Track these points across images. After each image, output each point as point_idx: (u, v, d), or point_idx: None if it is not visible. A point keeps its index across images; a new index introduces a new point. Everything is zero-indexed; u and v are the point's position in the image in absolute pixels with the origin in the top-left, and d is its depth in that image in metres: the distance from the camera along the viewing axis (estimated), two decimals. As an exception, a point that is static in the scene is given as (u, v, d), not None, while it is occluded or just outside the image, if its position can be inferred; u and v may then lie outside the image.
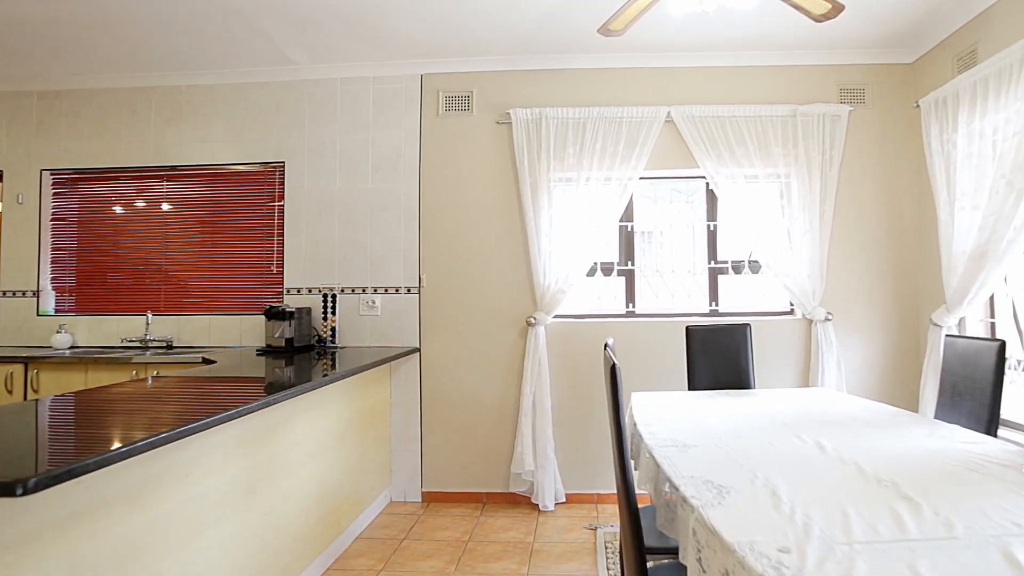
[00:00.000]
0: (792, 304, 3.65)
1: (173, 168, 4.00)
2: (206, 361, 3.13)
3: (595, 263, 3.71)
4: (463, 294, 3.68)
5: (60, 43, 3.50)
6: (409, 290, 3.70)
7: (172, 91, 3.98)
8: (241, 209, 3.95)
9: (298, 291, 3.79)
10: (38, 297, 4.07)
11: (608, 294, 3.80)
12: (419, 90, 3.77)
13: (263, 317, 3.57)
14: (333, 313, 3.69)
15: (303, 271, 3.81)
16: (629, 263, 3.78)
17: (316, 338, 3.67)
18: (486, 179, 3.70)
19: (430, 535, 3.10)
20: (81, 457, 1.18)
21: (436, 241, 3.71)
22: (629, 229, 3.78)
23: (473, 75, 3.74)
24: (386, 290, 3.72)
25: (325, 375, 2.58)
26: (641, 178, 3.62)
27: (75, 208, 4.14)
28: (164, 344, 3.87)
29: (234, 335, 3.85)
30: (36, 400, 1.83)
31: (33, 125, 4.11)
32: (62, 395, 1.88)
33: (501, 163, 3.69)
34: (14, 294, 4.07)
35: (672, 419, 2.22)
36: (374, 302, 3.71)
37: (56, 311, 4.11)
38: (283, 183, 3.86)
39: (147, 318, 3.86)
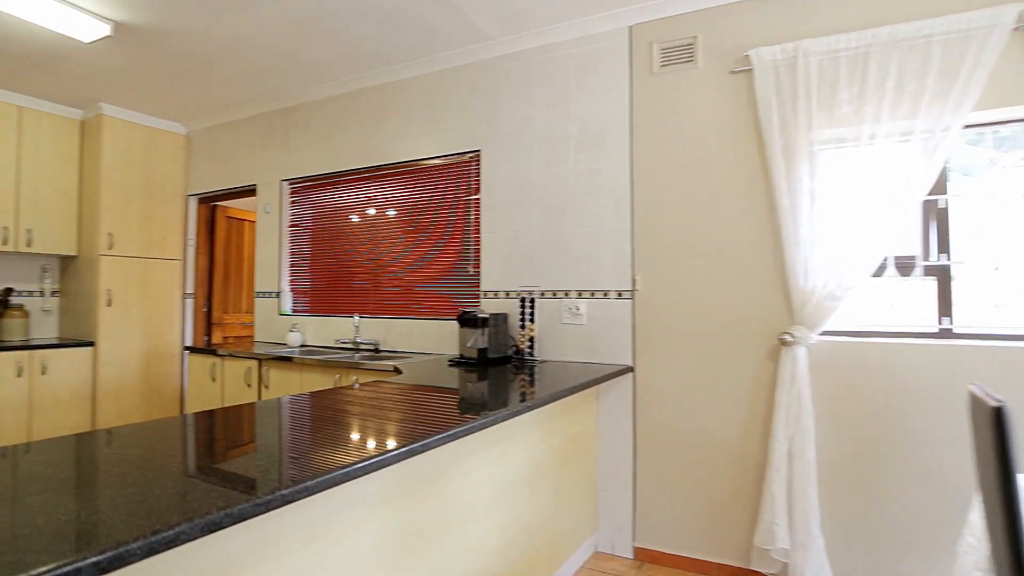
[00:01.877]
0: None
1: (379, 168, 3.94)
2: (396, 371, 2.89)
3: (886, 258, 2.59)
4: (689, 300, 2.87)
5: (284, 56, 3.62)
6: (620, 294, 3.03)
7: (378, 90, 3.91)
8: (440, 205, 3.70)
9: (495, 294, 3.39)
10: (279, 298, 4.41)
11: (905, 301, 2.63)
12: (627, 46, 3.05)
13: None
14: (531, 320, 3.20)
15: (500, 271, 3.39)
16: (942, 256, 2.56)
17: (513, 348, 3.22)
18: (717, 148, 2.83)
19: (642, 615, 2.40)
20: (152, 530, 0.82)
21: (653, 232, 2.96)
22: (942, 206, 2.56)
23: (696, 15, 2.88)
24: (592, 294, 3.10)
25: (523, 398, 2.07)
26: (966, 126, 2.40)
27: (307, 213, 4.38)
28: (372, 347, 3.82)
29: (433, 341, 3.61)
30: (177, 419, 1.62)
31: (278, 140, 4.45)
32: (206, 412, 1.66)
33: (738, 125, 2.78)
34: (264, 295, 4.48)
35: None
36: (578, 308, 3.12)
37: (293, 311, 4.41)
38: (479, 173, 3.50)
39: (355, 320, 3.85)
